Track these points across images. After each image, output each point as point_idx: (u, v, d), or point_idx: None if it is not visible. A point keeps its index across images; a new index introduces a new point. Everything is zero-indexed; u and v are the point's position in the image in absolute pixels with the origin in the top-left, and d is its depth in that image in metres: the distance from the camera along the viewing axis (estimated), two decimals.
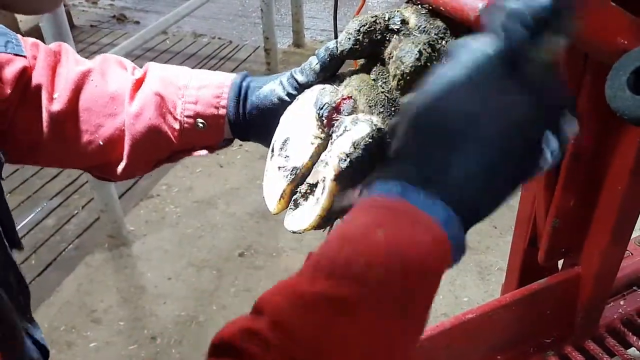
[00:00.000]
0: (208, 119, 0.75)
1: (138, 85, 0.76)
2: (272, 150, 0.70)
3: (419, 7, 0.65)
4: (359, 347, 0.38)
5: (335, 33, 1.13)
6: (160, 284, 2.43)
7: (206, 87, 0.75)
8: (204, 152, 0.79)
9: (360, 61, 0.71)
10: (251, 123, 0.75)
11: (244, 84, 0.76)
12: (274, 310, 0.39)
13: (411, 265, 0.40)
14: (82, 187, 2.97)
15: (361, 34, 0.65)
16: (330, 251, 0.41)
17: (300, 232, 0.65)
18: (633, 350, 1.29)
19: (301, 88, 0.71)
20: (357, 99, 0.65)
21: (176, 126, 0.75)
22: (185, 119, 0.75)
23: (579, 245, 1.12)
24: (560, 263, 1.24)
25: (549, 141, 0.46)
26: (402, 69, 0.61)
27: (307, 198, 0.65)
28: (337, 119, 0.64)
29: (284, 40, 4.46)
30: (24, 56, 0.73)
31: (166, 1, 5.02)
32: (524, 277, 1.25)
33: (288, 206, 0.67)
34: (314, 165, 0.66)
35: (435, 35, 0.62)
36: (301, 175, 0.66)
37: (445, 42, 0.62)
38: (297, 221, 0.65)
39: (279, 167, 0.68)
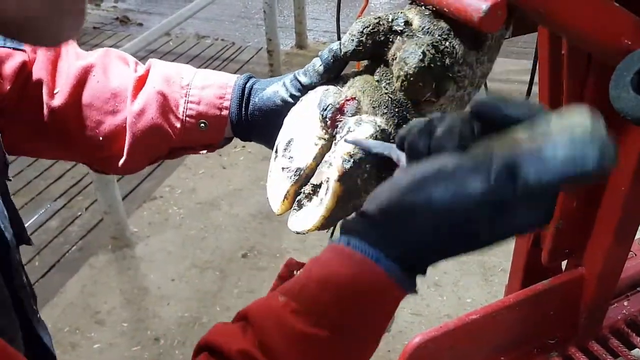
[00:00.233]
0: (210, 119, 0.75)
1: (141, 82, 0.75)
2: (276, 151, 0.70)
3: (423, 9, 0.65)
4: None
5: (339, 34, 1.13)
6: (164, 285, 2.43)
7: (209, 87, 0.75)
8: (204, 151, 0.79)
9: (364, 62, 0.71)
10: (253, 124, 0.75)
11: (248, 85, 0.76)
12: (262, 333, 0.48)
13: (366, 304, 0.50)
14: (86, 189, 2.97)
15: (364, 36, 0.65)
16: (311, 293, 0.49)
17: (304, 233, 0.65)
18: (637, 351, 1.29)
19: (304, 90, 0.71)
20: (361, 100, 0.65)
21: (178, 125, 0.75)
22: (187, 118, 0.75)
23: (582, 246, 1.12)
24: (564, 264, 1.24)
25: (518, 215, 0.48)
26: (406, 70, 0.61)
27: (311, 199, 0.65)
28: (341, 120, 0.65)
29: (286, 41, 4.47)
30: (24, 50, 0.72)
31: (169, 3, 5.03)
32: (528, 278, 1.24)
33: (292, 207, 0.67)
34: (317, 166, 0.66)
35: (438, 37, 0.62)
36: (305, 176, 0.66)
37: (449, 43, 0.62)
38: (301, 222, 0.65)
39: (282, 168, 0.68)
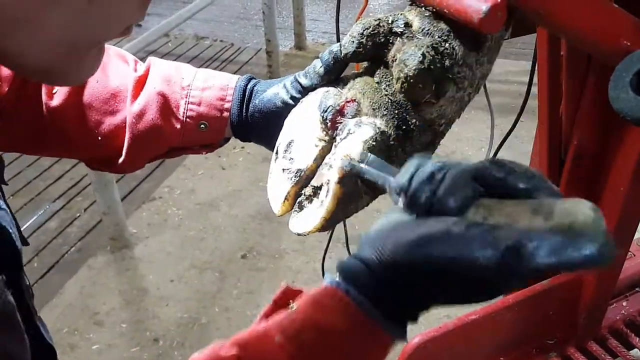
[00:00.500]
0: (210, 120, 0.75)
1: (141, 83, 0.75)
2: (277, 153, 0.70)
3: (423, 10, 0.65)
4: None
5: (338, 36, 1.13)
6: (163, 286, 2.43)
7: (210, 89, 0.75)
8: (203, 151, 0.79)
9: (364, 64, 0.71)
10: (253, 125, 0.75)
11: (249, 86, 0.76)
12: None
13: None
14: (85, 190, 2.97)
15: (365, 37, 0.65)
16: (307, 340, 0.49)
17: (305, 234, 0.65)
18: (636, 352, 1.29)
19: (305, 91, 0.71)
20: (361, 101, 0.65)
21: (178, 126, 0.75)
22: (187, 119, 0.75)
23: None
24: None
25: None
26: (406, 71, 0.61)
27: (312, 200, 0.65)
28: (341, 122, 0.65)
29: (285, 42, 4.47)
30: None
31: (168, 4, 5.02)
32: None
33: (292, 208, 0.67)
34: (318, 167, 0.66)
35: (438, 38, 0.62)
36: (305, 177, 0.67)
37: (449, 45, 0.62)
38: (302, 223, 0.65)
39: (283, 170, 0.68)
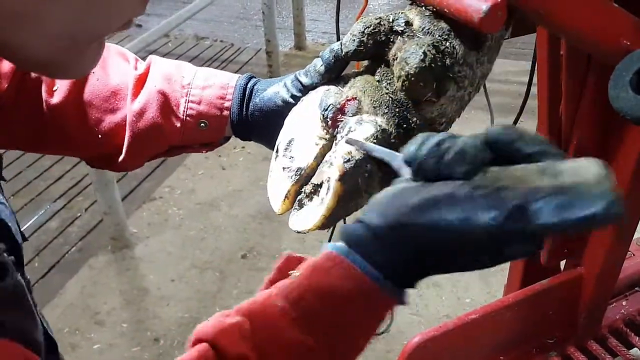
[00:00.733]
0: (210, 119, 0.75)
1: (141, 81, 0.75)
2: (277, 151, 0.70)
3: (423, 9, 0.65)
4: None
5: (338, 36, 1.13)
6: (163, 286, 2.43)
7: (210, 87, 0.75)
8: (203, 150, 0.79)
9: (364, 63, 0.71)
10: (253, 124, 0.76)
11: (249, 85, 0.76)
12: (260, 340, 0.48)
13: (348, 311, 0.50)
14: (86, 190, 2.97)
15: (365, 36, 0.65)
16: (309, 303, 0.49)
17: (304, 232, 0.65)
18: (635, 351, 1.29)
19: (305, 90, 0.72)
20: (362, 100, 0.65)
21: (178, 124, 0.75)
22: (187, 118, 0.75)
23: (581, 246, 1.12)
24: (563, 264, 1.24)
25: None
26: (407, 70, 0.62)
27: (312, 198, 0.65)
28: (342, 120, 0.65)
29: (285, 42, 4.47)
30: None
31: (168, 4, 5.03)
32: (527, 278, 1.25)
33: (293, 206, 0.67)
34: (318, 165, 0.66)
35: (439, 37, 0.63)
36: (306, 175, 0.67)
37: (449, 44, 0.63)
38: (302, 221, 0.65)
39: (283, 168, 0.68)
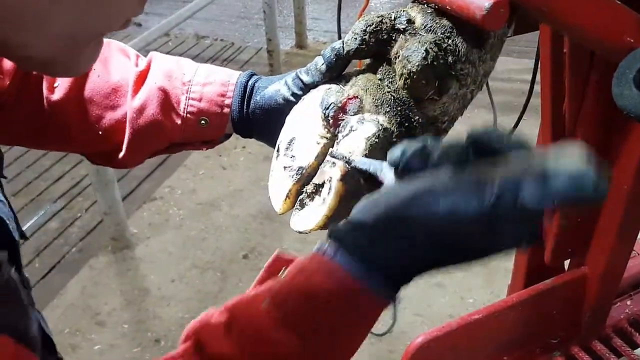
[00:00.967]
0: (211, 116, 0.75)
1: (142, 77, 0.75)
2: (278, 150, 0.70)
3: (425, 7, 0.64)
4: None
5: (339, 34, 1.13)
6: (164, 286, 2.43)
7: (211, 85, 0.75)
8: (203, 147, 0.79)
9: (366, 61, 0.70)
10: (254, 122, 0.75)
11: (250, 83, 0.75)
12: (244, 341, 0.48)
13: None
14: (86, 190, 2.97)
15: (367, 34, 0.65)
16: (294, 304, 0.49)
17: (306, 232, 0.64)
18: None
19: (306, 88, 0.71)
20: (364, 98, 0.64)
21: (178, 121, 0.75)
22: (188, 115, 0.74)
23: (585, 245, 1.11)
24: (567, 263, 1.23)
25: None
26: (409, 67, 0.61)
27: (313, 198, 0.65)
28: (343, 119, 0.64)
29: (286, 41, 4.47)
30: None
31: (168, 3, 5.02)
32: (530, 278, 1.24)
33: (294, 206, 0.67)
34: (320, 165, 0.66)
35: (441, 35, 0.62)
36: (307, 175, 0.66)
37: (452, 41, 0.62)
38: (303, 221, 0.64)
39: (284, 167, 0.68)
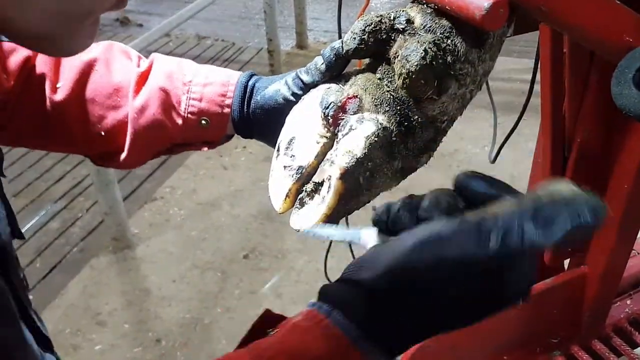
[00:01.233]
0: (212, 116, 0.75)
1: (143, 78, 0.76)
2: (278, 150, 0.70)
3: (424, 7, 0.64)
4: None
5: (340, 34, 1.13)
6: (165, 286, 2.43)
7: (211, 85, 0.75)
8: (205, 147, 0.79)
9: (365, 61, 0.70)
10: (255, 122, 0.75)
11: (250, 83, 0.76)
12: None
13: None
14: (87, 190, 2.97)
15: (367, 34, 0.65)
16: None
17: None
18: None
19: (306, 88, 0.71)
20: (363, 98, 0.65)
21: (179, 122, 0.75)
22: (188, 115, 0.75)
23: (585, 244, 1.11)
24: (567, 263, 1.24)
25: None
26: (408, 67, 0.61)
27: (313, 197, 0.65)
28: (343, 118, 0.64)
29: (287, 41, 4.47)
30: None
31: (169, 4, 5.03)
32: None
33: (294, 205, 0.67)
34: (319, 164, 0.66)
35: (440, 35, 0.62)
36: (307, 174, 0.66)
37: (451, 41, 0.62)
38: (303, 220, 0.65)
39: (284, 167, 0.68)
